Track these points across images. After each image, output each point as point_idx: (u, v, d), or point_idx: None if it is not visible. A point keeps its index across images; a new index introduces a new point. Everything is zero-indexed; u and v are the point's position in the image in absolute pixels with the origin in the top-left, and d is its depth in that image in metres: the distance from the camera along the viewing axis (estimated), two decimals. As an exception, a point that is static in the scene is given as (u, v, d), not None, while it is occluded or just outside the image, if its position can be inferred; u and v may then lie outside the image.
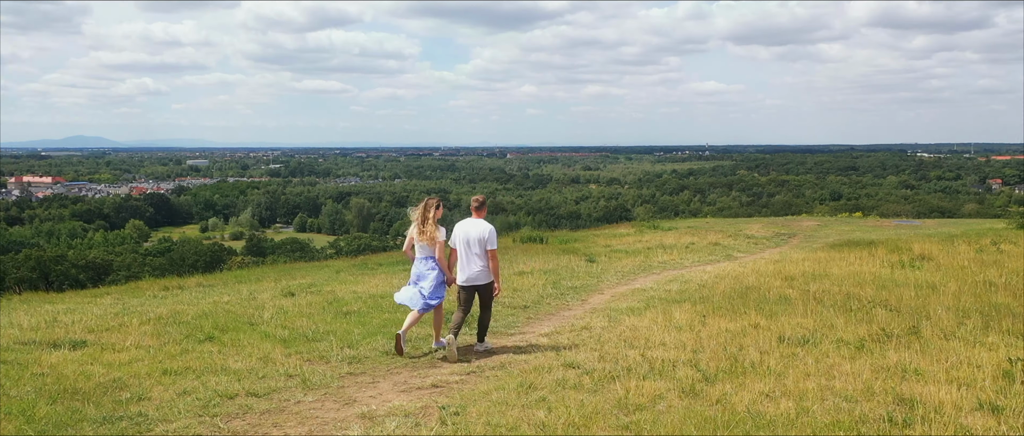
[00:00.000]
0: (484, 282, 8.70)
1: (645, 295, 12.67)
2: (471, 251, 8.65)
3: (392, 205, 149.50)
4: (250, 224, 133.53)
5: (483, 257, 8.65)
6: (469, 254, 8.65)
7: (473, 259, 8.65)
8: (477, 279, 8.68)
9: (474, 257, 8.65)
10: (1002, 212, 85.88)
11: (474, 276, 8.68)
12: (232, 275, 17.48)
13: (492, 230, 8.70)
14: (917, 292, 12.27)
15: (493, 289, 8.78)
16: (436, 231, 8.68)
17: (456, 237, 8.75)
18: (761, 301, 11.44)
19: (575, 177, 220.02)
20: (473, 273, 8.67)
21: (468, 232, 8.69)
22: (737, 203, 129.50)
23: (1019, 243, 20.52)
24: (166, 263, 61.83)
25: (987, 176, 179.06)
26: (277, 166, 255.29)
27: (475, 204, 8.88)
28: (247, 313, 10.96)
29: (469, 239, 8.66)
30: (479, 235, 8.63)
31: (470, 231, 8.68)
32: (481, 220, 8.78)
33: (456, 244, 8.75)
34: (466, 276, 8.69)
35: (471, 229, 8.69)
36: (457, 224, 8.82)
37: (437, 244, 8.66)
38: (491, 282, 8.73)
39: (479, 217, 8.81)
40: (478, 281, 8.69)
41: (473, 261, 8.66)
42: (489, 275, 8.69)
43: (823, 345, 8.45)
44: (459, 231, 8.75)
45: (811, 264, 16.49)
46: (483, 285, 8.72)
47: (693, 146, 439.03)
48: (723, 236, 25.84)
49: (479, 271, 8.66)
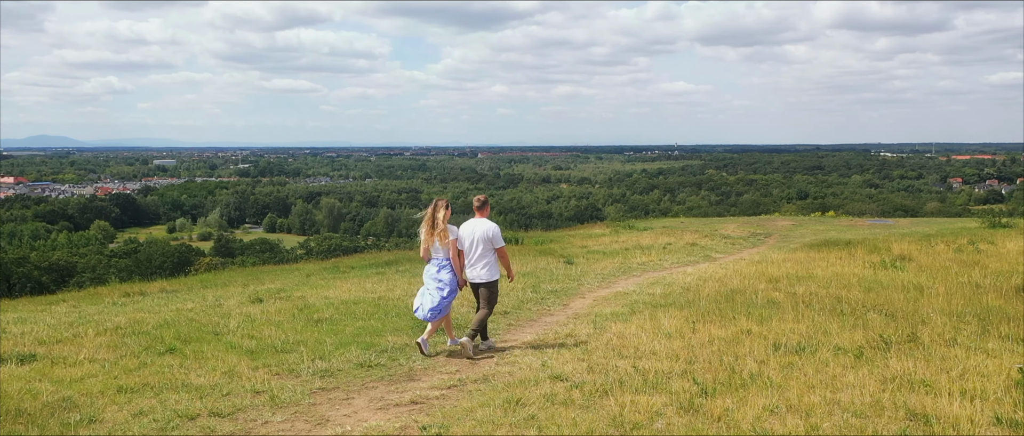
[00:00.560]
0: (488, 280, 8.88)
1: (628, 299, 12.23)
2: (476, 250, 8.83)
3: (363, 205, 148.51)
4: (219, 224, 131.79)
5: (488, 255, 8.84)
6: (474, 253, 8.84)
7: (478, 258, 8.84)
8: (482, 277, 8.86)
9: (479, 256, 8.83)
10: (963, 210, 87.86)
11: (479, 275, 8.86)
12: (198, 279, 16.77)
13: (496, 228, 8.89)
14: (905, 294, 11.97)
15: (496, 287, 8.99)
16: (447, 232, 8.77)
17: (462, 237, 8.92)
18: (749, 305, 11.05)
19: (546, 177, 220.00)
20: (478, 272, 8.86)
21: (473, 231, 8.86)
22: (706, 202, 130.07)
23: (996, 242, 20.40)
24: (132, 264, 60.61)
25: (948, 175, 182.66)
26: (246, 166, 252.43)
27: (477, 204, 9.05)
28: (212, 322, 10.35)
29: (474, 238, 8.84)
30: (484, 234, 8.81)
31: (475, 231, 8.86)
32: (484, 219, 8.96)
33: (462, 244, 8.92)
34: (472, 274, 8.91)
35: (476, 228, 8.86)
36: (462, 225, 8.98)
37: (450, 243, 8.78)
38: (495, 280, 8.94)
39: (482, 216, 8.98)
40: (483, 279, 8.87)
41: (479, 260, 8.85)
42: (493, 273, 8.88)
43: (821, 353, 8.05)
44: (465, 231, 8.91)
45: (793, 265, 16.18)
46: (487, 283, 8.90)
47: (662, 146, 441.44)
48: (699, 236, 25.53)
49: (484, 270, 8.84)
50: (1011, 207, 35.93)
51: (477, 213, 8.99)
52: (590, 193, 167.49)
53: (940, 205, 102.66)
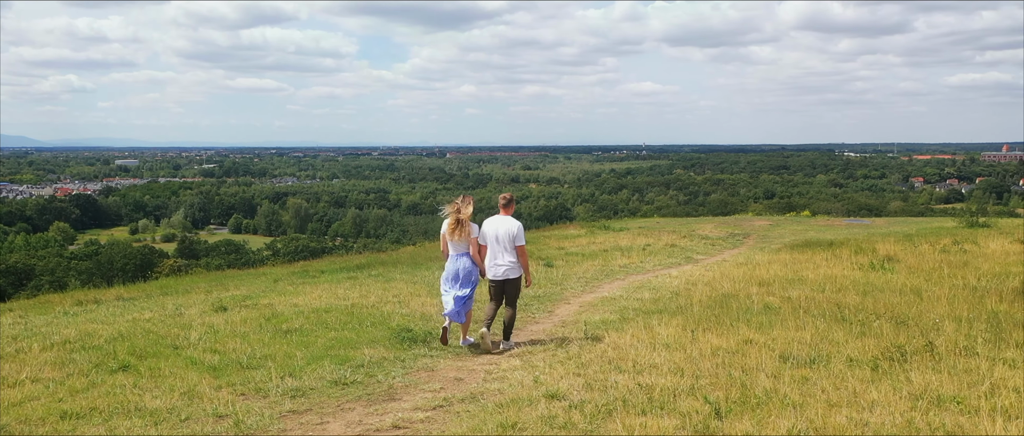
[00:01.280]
0: (513, 277, 8.94)
1: (616, 305, 11.60)
2: (500, 247, 8.91)
3: (330, 206, 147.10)
4: (183, 226, 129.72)
5: (512, 253, 8.91)
6: (498, 250, 8.92)
7: (502, 255, 8.92)
8: (505, 274, 8.92)
9: (503, 253, 8.91)
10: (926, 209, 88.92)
11: (503, 271, 8.92)
12: (158, 285, 15.87)
13: (520, 226, 8.95)
14: (903, 298, 11.48)
15: (519, 285, 9.06)
16: (469, 227, 8.92)
17: (486, 233, 8.99)
18: (745, 311, 10.47)
19: (515, 177, 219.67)
20: (502, 268, 8.92)
21: (497, 228, 8.92)
22: (675, 202, 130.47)
23: (979, 242, 20.09)
24: (93, 267, 59.20)
25: (910, 175, 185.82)
26: (211, 166, 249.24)
27: (503, 201, 9.12)
28: (171, 334, 9.52)
29: (498, 235, 8.90)
30: (508, 231, 8.87)
31: (499, 228, 8.92)
32: (509, 217, 9.02)
33: (486, 240, 9.00)
34: (495, 271, 8.94)
35: (500, 226, 8.92)
36: (486, 221, 9.06)
37: (471, 240, 8.94)
38: (519, 277, 9.00)
39: (507, 214, 9.04)
40: (507, 276, 8.93)
41: (502, 257, 8.92)
42: (517, 270, 8.95)
43: (833, 365, 7.47)
44: (488, 228, 8.99)
45: (780, 267, 15.68)
46: (511, 280, 8.96)
47: (630, 146, 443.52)
48: (677, 237, 25.00)
49: (508, 266, 8.91)
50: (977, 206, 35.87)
51: (502, 210, 9.03)
52: (559, 193, 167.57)
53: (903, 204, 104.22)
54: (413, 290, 13.00)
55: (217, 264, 70.57)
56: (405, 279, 14.79)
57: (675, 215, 54.75)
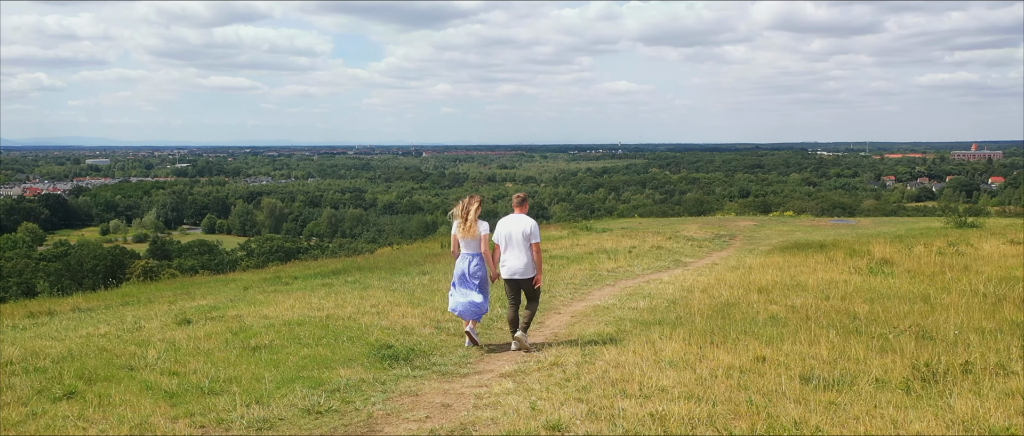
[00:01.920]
0: (528, 276, 8.86)
1: (610, 315, 10.85)
2: (515, 246, 8.84)
3: (305, 205, 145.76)
4: (155, 226, 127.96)
5: (527, 251, 8.81)
6: (513, 249, 8.86)
7: (517, 254, 8.85)
8: (522, 272, 8.85)
9: (518, 252, 8.84)
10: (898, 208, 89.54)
11: (518, 270, 8.85)
12: (119, 294, 14.91)
13: (535, 224, 8.87)
14: (912, 306, 10.85)
15: (535, 282, 8.94)
16: (477, 226, 8.89)
17: (499, 233, 8.95)
18: (749, 322, 9.77)
19: (491, 176, 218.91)
20: (517, 267, 8.85)
21: (511, 227, 8.88)
22: (651, 201, 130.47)
23: (974, 244, 19.56)
24: (63, 268, 57.69)
25: (882, 173, 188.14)
26: (184, 165, 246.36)
27: (517, 201, 9.08)
28: (127, 352, 8.63)
29: (512, 234, 8.85)
30: (523, 230, 8.80)
31: (513, 226, 8.87)
32: (523, 215, 8.98)
33: (499, 239, 8.95)
34: (510, 270, 8.88)
35: (514, 224, 8.88)
36: (500, 220, 9.02)
37: (481, 238, 8.92)
38: (534, 276, 8.89)
39: (521, 213, 9.01)
40: (523, 275, 8.85)
41: (517, 256, 8.85)
42: (532, 269, 8.85)
43: (860, 386, 6.77)
44: (502, 227, 8.95)
45: (775, 272, 15.01)
46: (527, 279, 8.88)
47: (606, 144, 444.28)
48: (663, 238, 24.32)
49: (523, 265, 8.83)
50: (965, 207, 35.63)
51: (516, 209, 9.01)
52: (536, 192, 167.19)
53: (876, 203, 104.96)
54: (392, 299, 12.17)
55: (190, 265, 69.32)
56: (383, 286, 13.96)
57: (652, 214, 54.18)
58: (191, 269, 65.05)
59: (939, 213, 32.40)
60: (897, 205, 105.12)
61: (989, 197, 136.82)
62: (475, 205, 8.95)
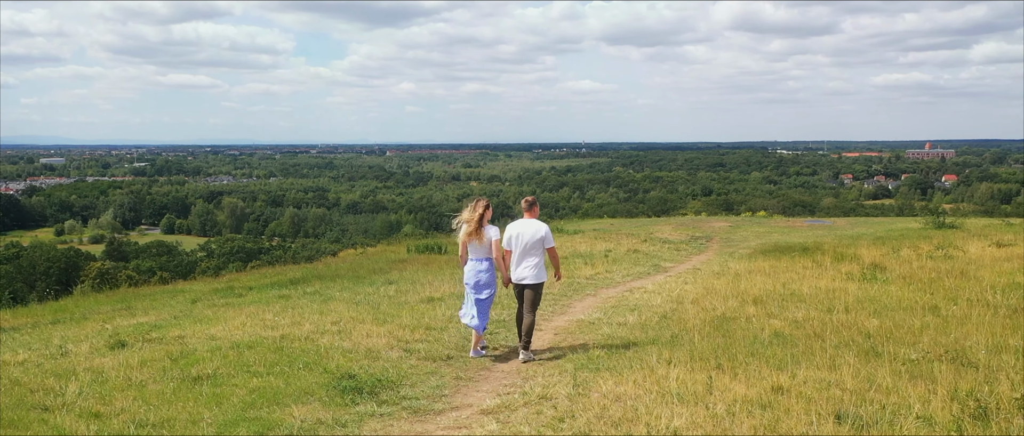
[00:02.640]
0: (535, 282, 8.65)
1: (598, 332, 9.83)
2: (525, 251, 8.60)
3: (267, 205, 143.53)
4: (112, 226, 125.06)
5: (537, 256, 8.63)
6: (524, 254, 8.62)
7: (527, 259, 8.61)
8: (529, 278, 8.63)
9: (528, 257, 8.61)
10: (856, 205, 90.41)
11: (526, 275, 8.63)
12: (50, 310, 13.55)
13: (547, 229, 8.68)
14: (923, 319, 9.99)
15: (542, 289, 8.80)
16: (486, 231, 8.61)
17: (510, 238, 8.70)
18: (752, 341, 8.81)
19: (456, 175, 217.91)
20: (526, 272, 8.63)
21: (522, 232, 8.66)
22: (615, 200, 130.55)
23: (961, 247, 18.89)
24: (14, 270, 55.72)
25: (840, 172, 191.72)
26: (142, 164, 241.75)
27: (526, 204, 8.88)
28: (44, 386, 7.41)
29: (524, 239, 8.61)
30: (534, 234, 8.61)
31: (524, 231, 8.66)
32: (534, 220, 8.78)
33: (510, 245, 8.69)
34: (520, 276, 8.66)
35: (525, 229, 8.67)
36: (510, 225, 8.79)
37: (491, 244, 8.63)
38: (541, 283, 8.70)
39: (531, 217, 8.80)
40: (530, 280, 8.64)
41: (527, 261, 8.61)
42: (541, 275, 8.66)
43: (905, 427, 5.81)
44: (513, 232, 8.71)
45: (764, 279, 14.16)
46: (533, 285, 8.66)
47: (570, 143, 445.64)
48: (638, 241, 23.44)
49: (533, 271, 8.61)
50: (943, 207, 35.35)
51: (526, 213, 8.81)
52: (501, 191, 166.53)
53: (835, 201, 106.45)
54: (355, 314, 11.03)
55: (148, 266, 67.43)
56: (346, 298, 12.81)
57: (619, 214, 53.49)
58: (149, 271, 63.32)
59: (918, 213, 31.94)
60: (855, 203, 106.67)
61: (943, 195, 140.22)
62: (482, 209, 8.59)
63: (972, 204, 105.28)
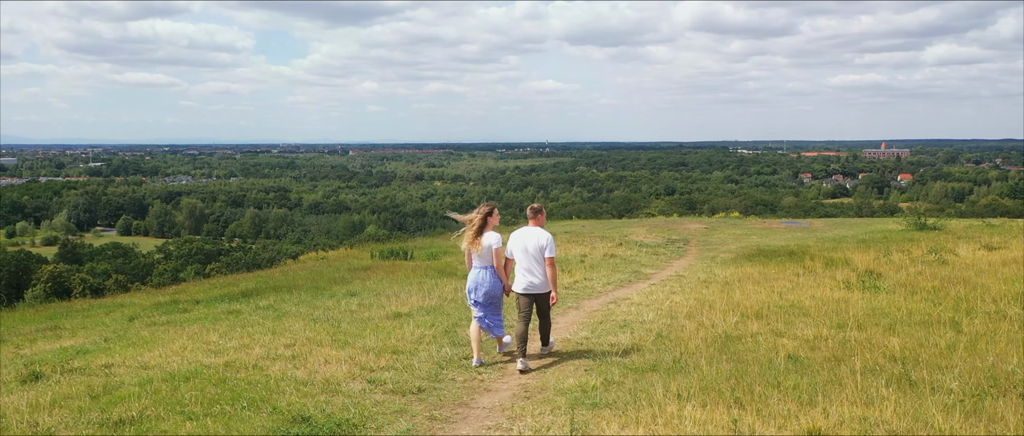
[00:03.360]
0: (543, 291, 8.42)
1: (588, 356, 8.62)
2: (530, 259, 8.35)
3: (228, 205, 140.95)
4: (66, 228, 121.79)
5: (542, 265, 8.34)
6: (528, 263, 8.36)
7: (532, 268, 8.35)
8: (536, 288, 8.38)
9: (533, 265, 8.35)
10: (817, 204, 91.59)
11: (533, 285, 8.38)
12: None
13: (550, 238, 8.39)
14: (945, 336, 9.06)
15: (548, 300, 8.51)
16: (483, 239, 8.30)
17: (513, 246, 8.46)
18: (767, 368, 7.73)
19: (420, 174, 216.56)
20: (532, 282, 8.38)
21: (526, 240, 8.40)
22: (579, 199, 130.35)
23: (954, 251, 18.09)
24: (-39, 274, 53.58)
25: (799, 171, 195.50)
26: (98, 164, 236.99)
27: (531, 212, 8.62)
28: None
29: (527, 247, 8.36)
30: (537, 243, 8.34)
31: (528, 239, 8.39)
32: (538, 228, 8.52)
33: (513, 253, 8.47)
34: (525, 285, 8.40)
35: (528, 237, 8.41)
36: (513, 233, 8.52)
37: (492, 252, 8.34)
38: (547, 293, 8.45)
39: (536, 224, 8.55)
40: (537, 290, 8.40)
41: (532, 270, 8.36)
42: (547, 285, 8.39)
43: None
44: (516, 239, 8.45)
45: (756, 288, 13.20)
46: (542, 294, 8.43)
47: (534, 143, 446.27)
48: (612, 245, 22.38)
49: (538, 280, 8.36)
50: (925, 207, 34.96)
51: (531, 221, 8.55)
52: (465, 191, 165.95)
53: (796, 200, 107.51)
54: (313, 335, 9.77)
55: (103, 269, 65.29)
56: (302, 314, 11.52)
57: (584, 215, 52.55)
58: (104, 273, 61.25)
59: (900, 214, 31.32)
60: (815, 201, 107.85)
61: (899, 194, 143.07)
62: (482, 216, 8.29)
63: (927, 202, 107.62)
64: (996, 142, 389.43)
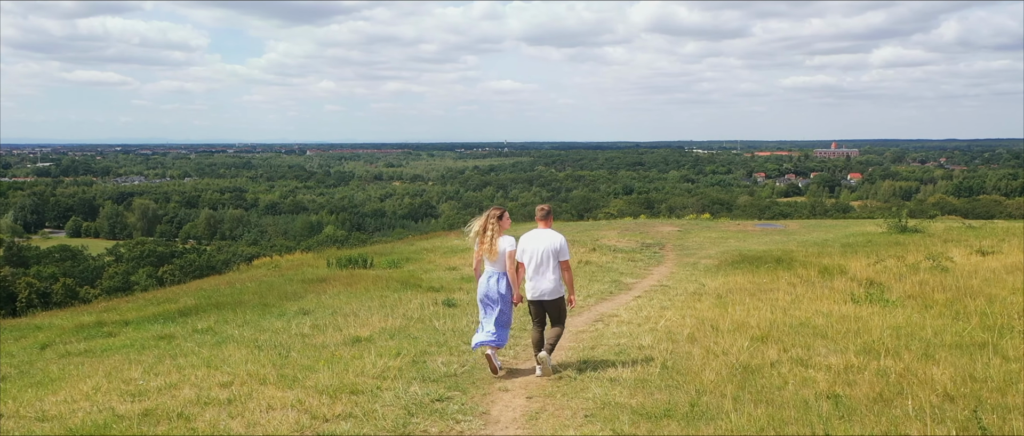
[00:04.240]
0: (555, 297, 7.98)
1: (588, 396, 7.16)
2: (541, 264, 7.90)
3: (182, 206, 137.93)
4: (12, 230, 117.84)
5: (554, 270, 7.92)
6: (539, 267, 7.91)
7: (544, 273, 7.91)
8: (548, 293, 7.95)
9: (545, 270, 7.91)
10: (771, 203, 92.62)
11: (545, 290, 7.95)
12: None
13: (563, 240, 7.99)
14: (996, 365, 7.84)
15: (564, 303, 8.11)
16: (498, 243, 7.92)
17: (524, 250, 8.02)
18: (806, 412, 6.40)
19: (378, 174, 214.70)
20: (544, 287, 7.94)
21: (537, 244, 7.97)
22: (539, 198, 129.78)
23: (954, 258, 17.01)
24: (-101, 279, 50.97)
25: (753, 170, 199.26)
26: (46, 164, 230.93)
27: (540, 214, 8.24)
28: None
29: (539, 251, 7.93)
30: (549, 246, 7.92)
31: (539, 243, 7.98)
32: (549, 230, 8.11)
33: (523, 257, 8.01)
34: (536, 291, 7.98)
35: (540, 240, 7.98)
36: (523, 236, 8.10)
37: (505, 256, 7.94)
38: (561, 297, 8.03)
39: (546, 227, 8.15)
40: (549, 296, 7.96)
41: (543, 275, 7.91)
42: (560, 289, 8.00)
43: None
44: (527, 243, 8.03)
45: (755, 302, 12.02)
46: (554, 300, 7.99)
47: (493, 143, 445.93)
48: (585, 250, 21.05)
49: (550, 285, 7.92)
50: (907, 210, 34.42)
51: (540, 223, 8.20)
52: (424, 190, 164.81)
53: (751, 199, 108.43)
54: (256, 368, 8.22)
55: (50, 272, 62.74)
56: (246, 339, 9.95)
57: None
58: (51, 277, 58.82)
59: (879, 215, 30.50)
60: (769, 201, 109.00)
61: (850, 192, 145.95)
62: (495, 219, 8.01)
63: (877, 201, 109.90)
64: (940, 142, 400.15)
